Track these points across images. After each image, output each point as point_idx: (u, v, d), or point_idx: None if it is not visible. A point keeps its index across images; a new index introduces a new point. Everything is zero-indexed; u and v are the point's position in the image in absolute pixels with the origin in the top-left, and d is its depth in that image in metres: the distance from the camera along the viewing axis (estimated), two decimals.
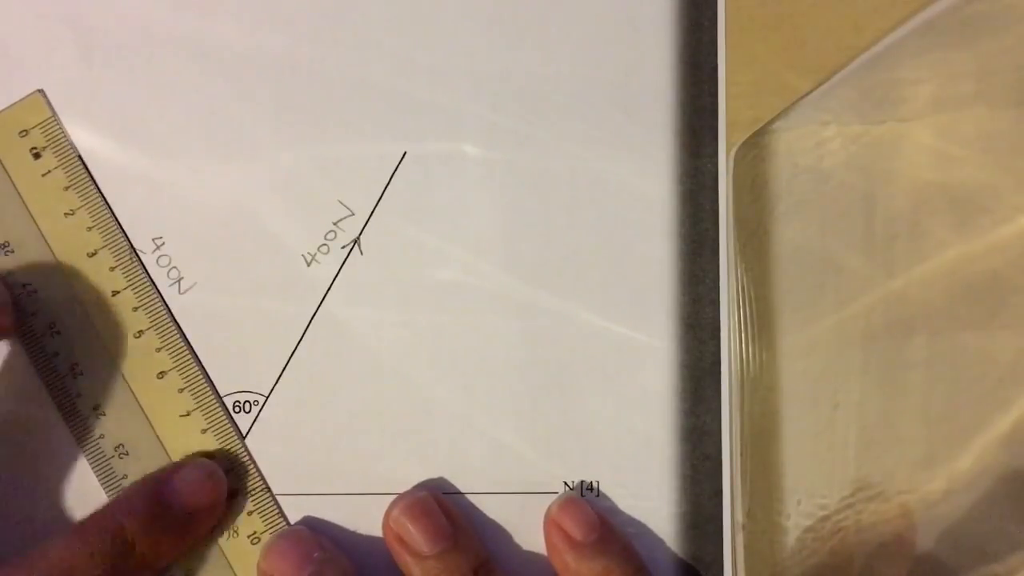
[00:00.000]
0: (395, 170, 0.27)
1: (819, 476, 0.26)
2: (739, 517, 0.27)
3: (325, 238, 0.27)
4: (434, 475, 0.27)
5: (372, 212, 0.27)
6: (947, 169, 0.24)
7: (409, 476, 0.26)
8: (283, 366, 0.26)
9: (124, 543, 0.23)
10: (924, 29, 0.23)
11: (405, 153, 0.27)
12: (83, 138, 0.27)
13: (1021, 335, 0.22)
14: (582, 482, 0.27)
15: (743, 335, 0.27)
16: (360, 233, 0.27)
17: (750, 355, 0.27)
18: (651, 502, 0.27)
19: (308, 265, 0.27)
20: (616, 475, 0.27)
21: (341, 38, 0.27)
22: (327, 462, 0.26)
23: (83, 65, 0.27)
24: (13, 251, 0.26)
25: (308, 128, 0.27)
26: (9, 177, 0.26)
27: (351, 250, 0.27)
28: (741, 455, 0.27)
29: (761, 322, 0.27)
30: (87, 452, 0.26)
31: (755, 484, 0.27)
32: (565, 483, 0.27)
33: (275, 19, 0.27)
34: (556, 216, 0.27)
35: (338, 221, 0.27)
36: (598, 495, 0.27)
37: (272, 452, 0.26)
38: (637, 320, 0.27)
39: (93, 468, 0.26)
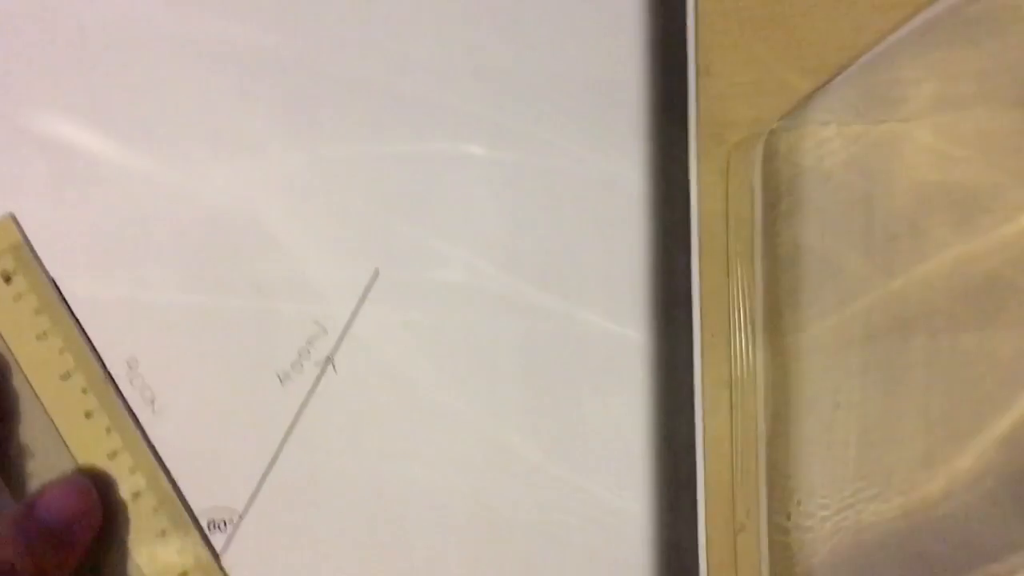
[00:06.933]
0: (368, 287, 0.27)
1: (819, 476, 0.26)
2: (739, 517, 0.27)
3: (299, 355, 0.27)
4: None
5: (345, 330, 0.27)
6: (947, 169, 0.24)
7: None
8: (258, 483, 0.26)
9: (5, 570, 0.23)
10: (924, 29, 0.23)
11: (378, 271, 0.27)
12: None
13: (1021, 335, 0.22)
14: None
15: (743, 335, 0.27)
16: (333, 351, 0.27)
17: (750, 355, 0.27)
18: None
19: (282, 383, 0.27)
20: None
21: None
22: None
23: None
24: None
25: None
26: None
27: (325, 368, 0.27)
28: (741, 455, 0.27)
29: (761, 322, 0.27)
30: None
31: (755, 484, 0.27)
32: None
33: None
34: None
35: (311, 339, 0.27)
36: None
37: (248, 570, 0.26)
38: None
39: None
